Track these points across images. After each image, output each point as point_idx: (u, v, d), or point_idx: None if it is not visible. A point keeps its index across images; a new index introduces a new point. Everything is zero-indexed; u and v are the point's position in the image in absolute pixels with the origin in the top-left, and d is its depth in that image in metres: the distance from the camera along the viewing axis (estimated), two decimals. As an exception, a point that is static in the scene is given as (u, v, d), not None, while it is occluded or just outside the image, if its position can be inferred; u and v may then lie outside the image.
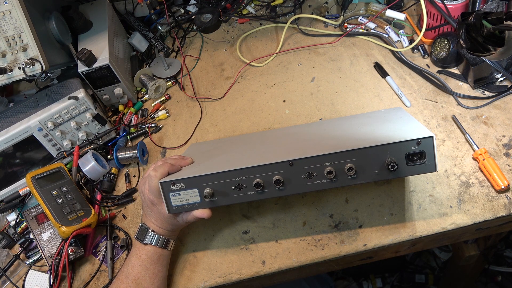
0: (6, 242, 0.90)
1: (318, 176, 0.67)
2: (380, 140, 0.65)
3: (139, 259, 0.74)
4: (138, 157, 0.94)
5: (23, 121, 0.90)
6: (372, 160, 0.65)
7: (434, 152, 0.62)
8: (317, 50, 1.08)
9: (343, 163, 0.65)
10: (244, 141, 0.88)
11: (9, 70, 0.85)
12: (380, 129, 0.74)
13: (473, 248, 1.27)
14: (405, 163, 0.64)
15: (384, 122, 0.78)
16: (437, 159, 0.63)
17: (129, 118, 1.06)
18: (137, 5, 1.20)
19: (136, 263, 0.74)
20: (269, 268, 0.77)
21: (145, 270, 0.73)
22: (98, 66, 0.97)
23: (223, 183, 0.69)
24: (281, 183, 0.67)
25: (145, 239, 0.74)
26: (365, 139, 0.68)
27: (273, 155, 0.71)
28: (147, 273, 0.73)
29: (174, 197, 0.71)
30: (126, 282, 0.73)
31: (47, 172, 0.88)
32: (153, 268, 0.74)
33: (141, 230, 0.75)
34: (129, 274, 0.73)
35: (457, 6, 0.92)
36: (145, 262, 0.74)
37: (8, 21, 0.84)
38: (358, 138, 0.71)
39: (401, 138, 0.63)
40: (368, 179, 0.66)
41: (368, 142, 0.65)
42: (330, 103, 0.97)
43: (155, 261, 0.75)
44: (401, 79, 0.97)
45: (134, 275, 0.73)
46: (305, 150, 0.69)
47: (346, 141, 0.70)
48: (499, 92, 0.89)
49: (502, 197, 0.76)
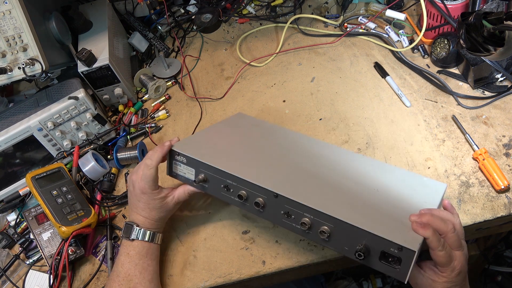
0: (6, 242, 0.90)
1: (294, 220, 0.66)
2: (368, 222, 0.61)
3: (127, 256, 0.74)
4: (138, 157, 0.94)
5: (23, 121, 0.90)
6: (348, 236, 0.62)
7: (411, 266, 0.57)
8: (317, 50, 1.08)
9: (320, 223, 0.63)
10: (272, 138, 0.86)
11: (9, 70, 0.85)
12: (388, 206, 0.68)
13: (473, 248, 1.27)
14: (378, 257, 0.60)
15: (405, 199, 0.70)
16: (410, 273, 0.57)
17: (129, 118, 1.06)
18: (137, 5, 1.20)
19: (125, 260, 0.74)
20: (269, 268, 0.77)
21: (134, 265, 0.74)
22: (98, 66, 0.97)
23: (216, 178, 0.72)
24: (261, 206, 0.68)
25: (131, 235, 0.75)
26: (360, 211, 0.65)
27: (272, 174, 0.72)
28: (136, 268, 0.74)
29: (175, 165, 0.77)
30: (118, 280, 0.73)
31: (47, 172, 0.88)
32: (142, 262, 0.74)
33: (126, 227, 0.76)
34: (119, 272, 0.74)
35: (457, 6, 0.92)
36: (134, 258, 0.74)
37: (8, 21, 0.84)
38: (357, 204, 0.67)
39: (386, 234, 0.58)
40: (337, 249, 0.63)
41: (356, 217, 0.62)
42: (330, 103, 0.97)
43: (144, 256, 0.75)
44: (401, 79, 0.97)
45: (125, 272, 0.73)
46: (301, 187, 0.69)
47: (344, 201, 0.67)
48: (499, 92, 0.89)
49: (502, 197, 0.76)
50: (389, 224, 0.62)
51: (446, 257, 0.58)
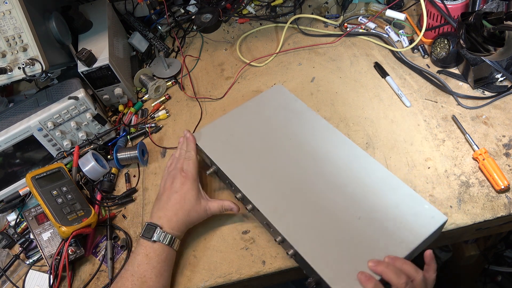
0: (6, 242, 0.90)
1: (273, 232, 0.74)
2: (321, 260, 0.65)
3: (146, 257, 0.73)
4: (138, 157, 0.94)
5: (23, 121, 0.90)
6: (305, 264, 0.67)
7: None
8: (317, 50, 1.08)
9: (288, 245, 0.70)
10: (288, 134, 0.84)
11: (9, 70, 0.85)
12: (359, 241, 0.67)
13: (473, 248, 1.27)
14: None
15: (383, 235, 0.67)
16: None
17: (129, 118, 1.06)
18: (137, 5, 1.20)
19: (143, 261, 0.73)
20: (269, 268, 0.77)
21: (151, 268, 0.72)
22: (98, 66, 0.97)
23: (222, 173, 0.81)
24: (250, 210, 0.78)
25: (153, 237, 0.73)
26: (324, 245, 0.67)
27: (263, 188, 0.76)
28: (153, 271, 0.72)
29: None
30: (132, 280, 0.71)
31: (47, 172, 0.88)
32: (160, 267, 0.73)
33: (148, 228, 0.74)
34: (134, 272, 0.72)
35: (457, 6, 0.92)
36: (152, 261, 0.73)
37: (8, 21, 0.84)
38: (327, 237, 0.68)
39: (330, 279, 0.62)
40: (302, 268, 0.70)
41: (314, 252, 0.66)
42: (330, 103, 0.97)
43: (162, 260, 0.74)
44: (401, 79, 0.97)
45: (140, 273, 0.72)
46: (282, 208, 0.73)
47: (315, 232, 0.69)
48: (499, 92, 0.89)
49: (502, 197, 0.76)
50: (343, 265, 0.64)
51: None
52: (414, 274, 0.61)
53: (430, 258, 0.65)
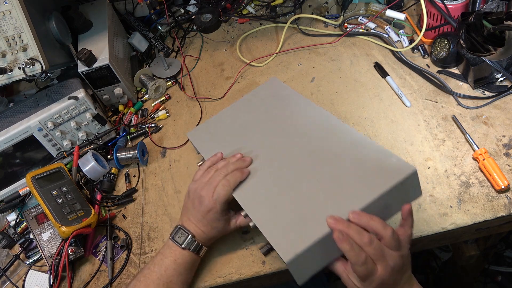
0: (6, 242, 0.90)
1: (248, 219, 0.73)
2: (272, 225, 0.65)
3: (174, 262, 0.71)
4: (138, 157, 0.94)
5: (23, 121, 0.90)
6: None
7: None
8: (317, 50, 1.08)
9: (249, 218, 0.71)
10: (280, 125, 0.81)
11: (9, 70, 0.85)
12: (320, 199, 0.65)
13: (473, 248, 1.27)
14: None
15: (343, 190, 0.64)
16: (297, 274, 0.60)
17: (129, 118, 1.06)
18: (137, 5, 1.20)
19: (170, 266, 0.71)
20: (269, 268, 0.77)
21: (178, 275, 0.71)
22: (98, 66, 0.97)
23: None
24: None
25: (184, 244, 0.71)
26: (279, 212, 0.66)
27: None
28: (179, 278, 0.71)
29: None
30: (158, 283, 0.70)
31: (47, 172, 0.88)
32: (186, 274, 0.72)
33: (179, 232, 0.72)
34: (161, 275, 0.70)
35: (457, 6, 0.92)
36: (180, 267, 0.71)
37: (8, 21, 0.84)
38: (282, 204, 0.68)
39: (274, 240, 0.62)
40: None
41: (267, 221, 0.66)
42: (330, 103, 0.97)
43: (189, 268, 0.73)
44: (401, 79, 0.97)
45: (167, 278, 0.70)
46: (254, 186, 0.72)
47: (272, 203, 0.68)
48: (499, 92, 0.89)
49: (502, 197, 0.76)
50: (294, 228, 0.62)
51: (363, 272, 0.55)
52: (382, 230, 0.56)
53: (407, 213, 0.60)
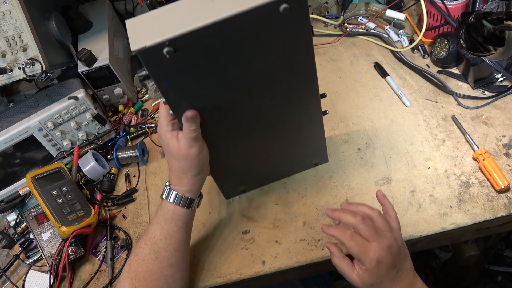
0: (6, 242, 0.90)
1: None
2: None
3: (156, 216, 0.70)
4: (138, 157, 0.94)
5: (23, 121, 0.90)
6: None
7: None
8: (317, 50, 1.08)
9: None
10: None
11: (9, 70, 0.85)
12: None
13: (473, 248, 1.27)
14: None
15: None
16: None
17: (129, 118, 1.06)
18: (137, 5, 1.20)
19: (153, 220, 0.70)
20: (269, 268, 0.77)
21: (160, 228, 0.69)
22: (98, 66, 0.97)
23: None
24: None
25: (162, 195, 0.70)
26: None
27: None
28: (162, 232, 0.69)
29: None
30: (144, 240, 0.70)
31: (47, 172, 0.88)
32: (168, 228, 0.69)
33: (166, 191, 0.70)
34: (148, 231, 0.70)
35: (457, 6, 0.92)
36: (160, 219, 0.69)
37: (8, 21, 0.84)
38: None
39: None
40: None
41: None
42: (330, 103, 0.97)
43: (169, 220, 0.69)
44: (401, 79, 0.97)
45: (151, 233, 0.69)
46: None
47: None
48: (499, 92, 0.89)
49: (502, 197, 0.76)
50: None
51: (357, 248, 0.61)
52: (370, 211, 0.65)
53: (382, 198, 0.70)
